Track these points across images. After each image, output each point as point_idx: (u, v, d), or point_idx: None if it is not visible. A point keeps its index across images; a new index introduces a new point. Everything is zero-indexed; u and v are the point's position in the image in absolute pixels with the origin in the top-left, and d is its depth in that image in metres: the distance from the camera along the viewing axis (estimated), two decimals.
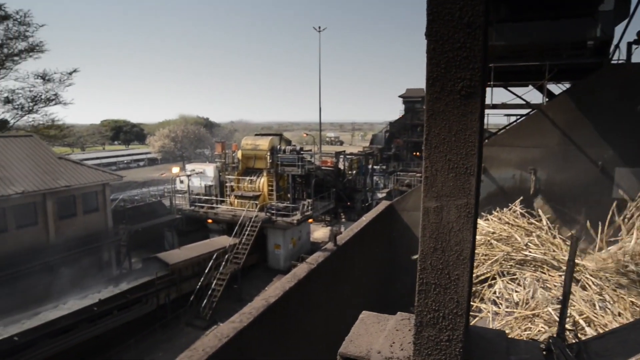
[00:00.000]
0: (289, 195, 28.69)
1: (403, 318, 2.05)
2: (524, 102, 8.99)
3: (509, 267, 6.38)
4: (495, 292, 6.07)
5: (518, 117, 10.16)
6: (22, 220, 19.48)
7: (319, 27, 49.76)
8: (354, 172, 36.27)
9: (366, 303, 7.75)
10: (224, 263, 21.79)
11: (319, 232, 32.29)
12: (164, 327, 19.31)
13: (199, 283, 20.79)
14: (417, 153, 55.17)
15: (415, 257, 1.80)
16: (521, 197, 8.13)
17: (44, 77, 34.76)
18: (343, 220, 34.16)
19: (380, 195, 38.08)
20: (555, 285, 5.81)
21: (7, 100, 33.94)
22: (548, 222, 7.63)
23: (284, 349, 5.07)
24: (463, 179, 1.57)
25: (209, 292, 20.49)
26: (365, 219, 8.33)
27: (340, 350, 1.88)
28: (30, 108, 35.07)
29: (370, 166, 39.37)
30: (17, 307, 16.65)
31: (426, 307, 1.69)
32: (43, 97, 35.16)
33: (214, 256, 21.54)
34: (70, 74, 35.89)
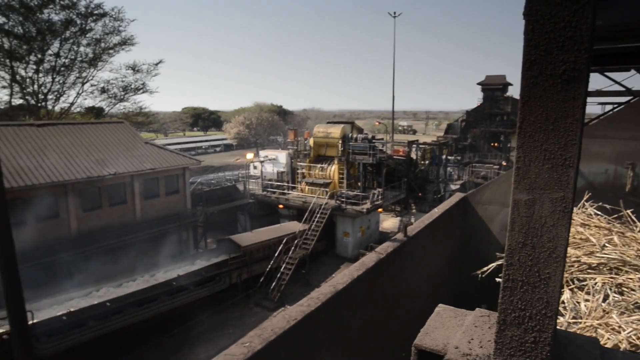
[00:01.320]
0: (359, 184, 28.64)
1: (482, 315, 1.95)
2: (623, 89, 8.12)
3: (578, 273, 5.84)
4: (562, 302, 5.59)
5: (615, 105, 9.23)
6: (114, 199, 21.29)
7: (394, 13, 48.69)
8: (427, 162, 35.31)
9: (435, 297, 7.56)
10: (293, 248, 22.32)
11: (388, 222, 31.96)
12: (234, 306, 20.29)
13: (269, 266, 21.50)
14: (495, 144, 52.45)
15: (499, 255, 1.70)
16: (610, 194, 7.43)
17: (134, 68, 37.52)
18: (413, 211, 33.49)
19: (453, 187, 36.77)
20: (633, 290, 5.23)
21: (103, 90, 37.12)
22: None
23: (350, 335, 5.09)
24: (560, 170, 1.44)
25: (278, 275, 21.14)
26: (438, 210, 8.08)
27: (416, 342, 1.83)
28: (122, 97, 38.10)
29: (444, 156, 38.10)
30: (109, 277, 18.33)
31: (511, 305, 1.59)
32: (133, 86, 38.03)
33: (284, 241, 22.15)
34: (156, 64, 38.41)
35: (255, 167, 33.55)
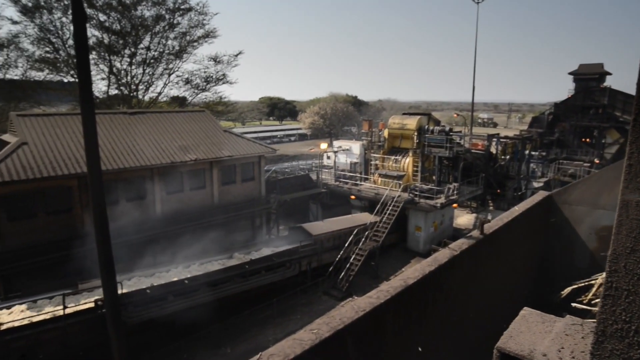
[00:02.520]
0: (434, 178, 27.79)
1: (574, 322, 1.74)
2: None
3: None
4: None
5: None
6: (194, 184, 22.54)
7: None
8: (508, 157, 33.35)
9: (513, 299, 7.09)
10: (363, 239, 22.24)
11: (463, 219, 30.73)
12: (303, 292, 20.69)
13: (339, 256, 21.62)
14: (587, 140, 48.16)
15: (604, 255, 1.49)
16: None
17: (216, 60, 39.36)
18: (491, 208, 31.86)
19: (536, 185, 34.42)
20: None
21: (187, 81, 39.42)
22: None
23: (419, 331, 4.93)
24: None
25: (347, 266, 21.19)
26: (518, 209, 7.56)
27: (499, 345, 1.68)
28: (204, 87, 40.18)
29: (527, 152, 35.78)
30: (187, 256, 19.48)
31: (613, 316, 1.38)
32: (214, 77, 39.97)
33: (355, 232, 22.12)
34: (236, 55, 39.96)
35: (328, 157, 33.79)
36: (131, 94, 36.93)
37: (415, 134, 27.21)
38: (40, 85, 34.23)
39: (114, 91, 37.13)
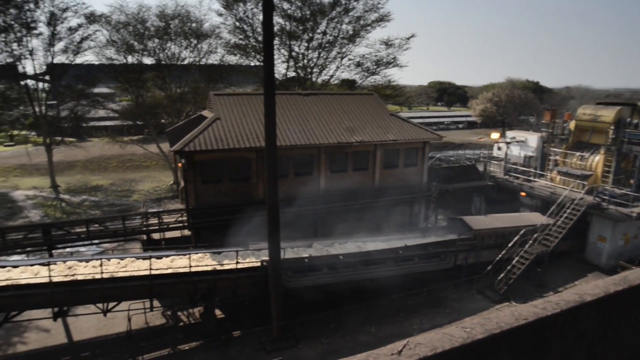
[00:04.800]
0: (631, 181, 23.46)
1: None
2: None
3: None
4: None
5: None
6: (357, 165, 23.23)
7: None
8: None
9: None
10: (531, 242, 20.15)
11: None
12: (455, 287, 19.79)
13: (499, 255, 20.02)
14: None
15: None
16: None
17: (387, 43, 39.45)
18: None
19: None
20: None
21: (358, 64, 40.46)
22: None
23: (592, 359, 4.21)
24: None
25: (508, 267, 19.51)
26: None
27: None
28: (374, 70, 40.71)
29: None
30: (344, 233, 20.34)
31: None
32: (384, 60, 40.15)
33: (522, 232, 20.14)
34: (408, 39, 39.38)
35: (499, 149, 31.24)
36: (306, 77, 39.62)
37: (612, 127, 23.16)
38: (232, 68, 39.79)
39: (291, 74, 40.37)
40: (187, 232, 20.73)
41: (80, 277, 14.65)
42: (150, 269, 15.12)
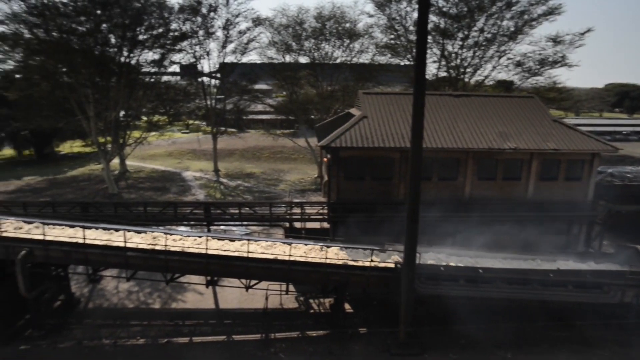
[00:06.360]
0: None
1: None
2: None
3: None
4: None
5: None
6: (508, 173, 21.28)
7: None
8: None
9: None
10: None
11: None
12: (620, 328, 16.86)
13: None
14: None
15: None
16: None
17: (555, 40, 35.25)
18: None
19: None
20: None
21: (518, 64, 36.99)
22: None
23: None
24: None
25: None
26: None
27: None
28: (536, 70, 36.77)
29: None
30: (487, 245, 18.79)
31: None
32: (550, 59, 35.97)
33: None
34: (582, 34, 34.61)
35: None
36: (458, 77, 37.72)
37: None
38: (382, 67, 39.98)
39: (442, 73, 38.84)
40: (326, 225, 21.52)
41: (230, 254, 16.23)
42: (290, 255, 16.02)
